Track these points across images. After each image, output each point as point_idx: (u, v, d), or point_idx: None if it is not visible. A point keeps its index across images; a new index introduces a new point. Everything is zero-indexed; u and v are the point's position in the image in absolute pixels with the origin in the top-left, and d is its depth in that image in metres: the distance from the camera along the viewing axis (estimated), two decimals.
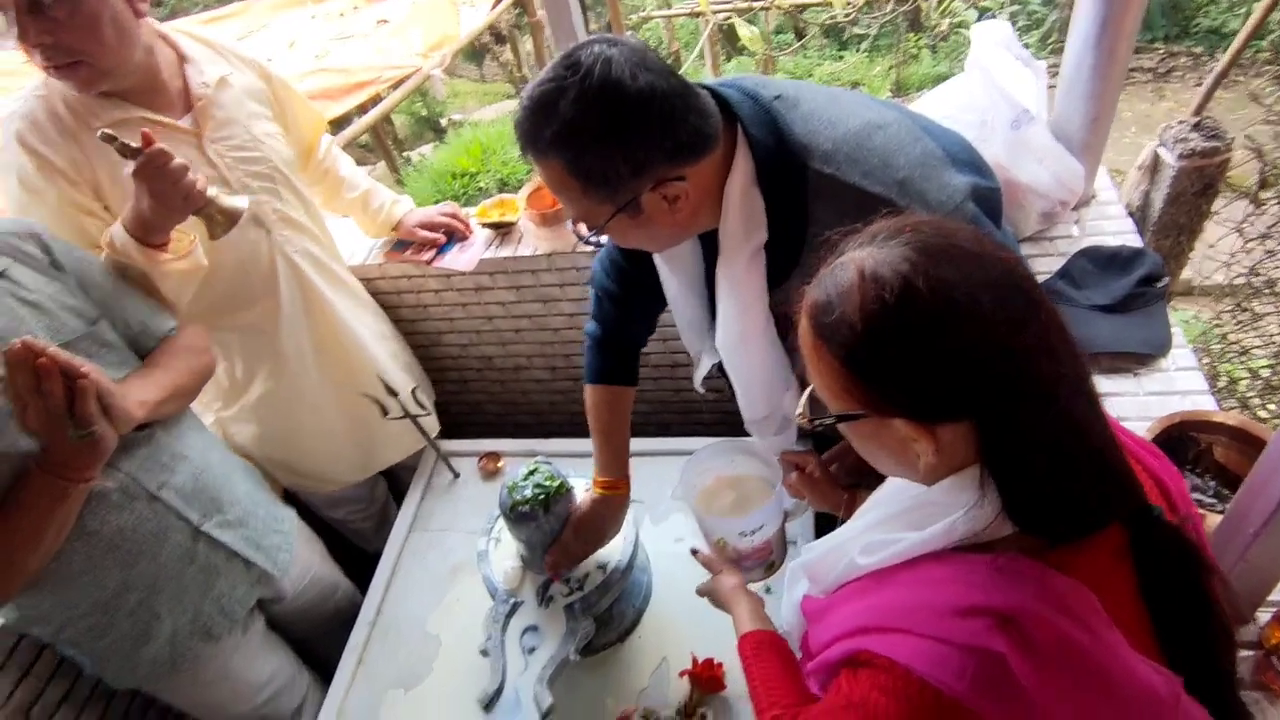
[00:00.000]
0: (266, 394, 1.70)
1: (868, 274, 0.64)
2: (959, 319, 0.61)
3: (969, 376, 0.62)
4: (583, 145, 0.88)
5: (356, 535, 2.09)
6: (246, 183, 1.50)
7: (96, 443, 1.05)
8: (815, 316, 0.68)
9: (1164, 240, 1.57)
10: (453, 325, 2.14)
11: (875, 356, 0.64)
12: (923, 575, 0.69)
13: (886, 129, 0.96)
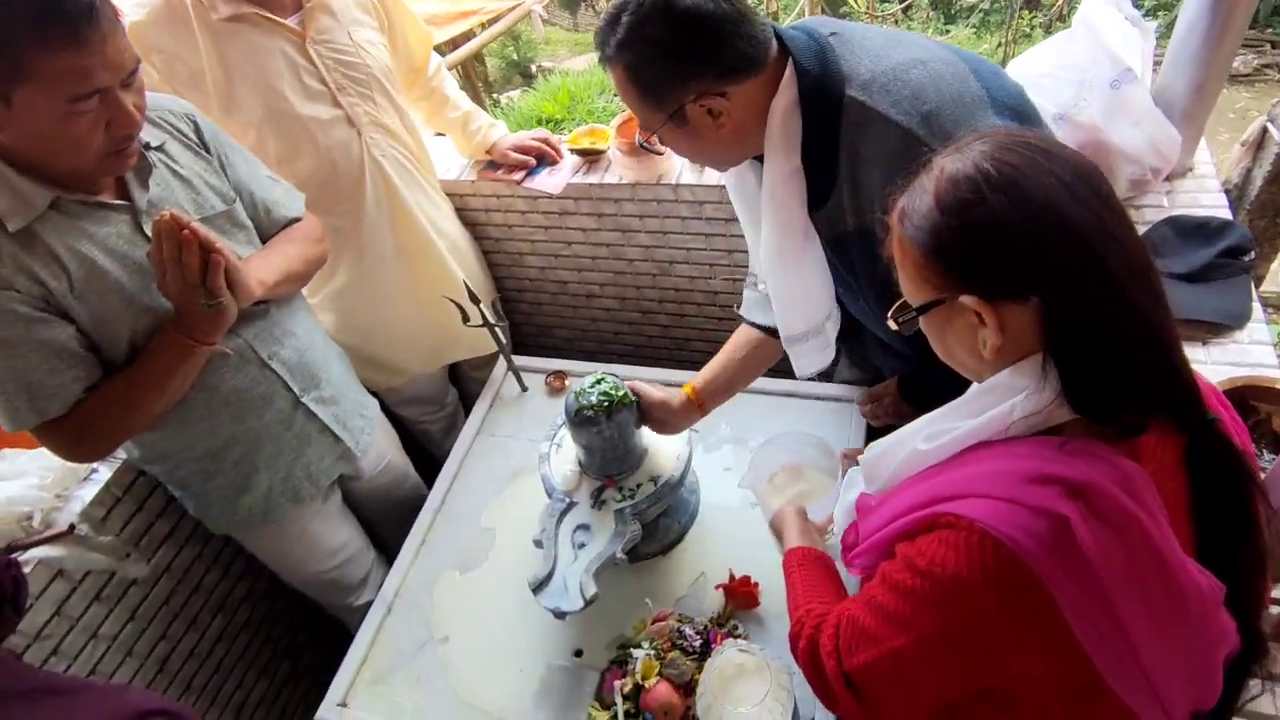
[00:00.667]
0: (346, 285, 1.82)
1: (946, 170, 0.70)
2: (1022, 196, 0.66)
3: (1031, 252, 0.66)
4: (637, 53, 1.00)
5: (425, 437, 2.23)
6: (343, 84, 1.60)
7: (222, 312, 1.18)
8: (900, 215, 0.74)
9: (1259, 220, 1.52)
10: (534, 247, 2.23)
11: (945, 232, 0.69)
12: (996, 452, 0.72)
13: (929, 65, 1.01)
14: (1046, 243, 0.66)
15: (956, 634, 0.69)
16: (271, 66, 1.52)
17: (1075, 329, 0.67)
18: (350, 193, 1.69)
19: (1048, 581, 0.63)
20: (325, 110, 1.60)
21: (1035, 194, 0.66)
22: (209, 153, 1.32)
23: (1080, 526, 0.62)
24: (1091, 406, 0.68)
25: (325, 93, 1.59)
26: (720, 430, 1.71)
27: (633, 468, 1.46)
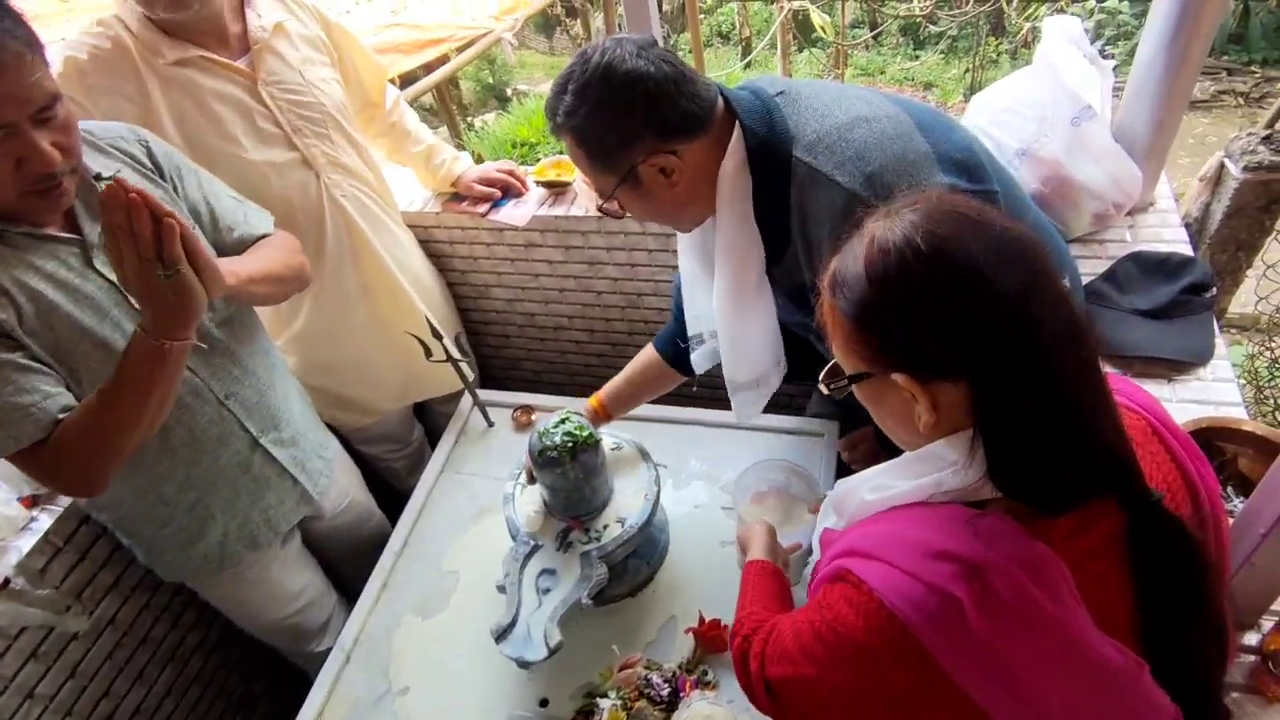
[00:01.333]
0: (309, 327, 1.79)
1: (876, 238, 0.70)
2: (953, 273, 0.65)
3: (962, 332, 0.65)
4: (583, 119, 1.03)
5: (390, 474, 2.18)
6: (298, 125, 1.57)
7: (186, 290, 1.04)
8: (831, 283, 0.73)
9: (1220, 254, 1.53)
10: (500, 280, 2.20)
11: (876, 308, 0.69)
12: (913, 516, 0.73)
13: (873, 123, 1.03)
14: (974, 320, 0.65)
15: (856, 689, 0.72)
16: (223, 112, 1.49)
17: (1004, 409, 0.66)
18: (310, 234, 1.66)
19: (937, 655, 0.64)
20: (280, 153, 1.56)
21: (962, 268, 0.65)
22: (163, 177, 1.28)
23: (971, 609, 0.63)
24: (1017, 488, 0.68)
25: (280, 135, 1.56)
26: (690, 466, 1.69)
27: (599, 508, 1.43)
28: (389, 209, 1.86)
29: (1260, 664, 0.92)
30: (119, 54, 1.41)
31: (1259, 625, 0.97)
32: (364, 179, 1.74)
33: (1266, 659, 0.91)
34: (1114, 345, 1.33)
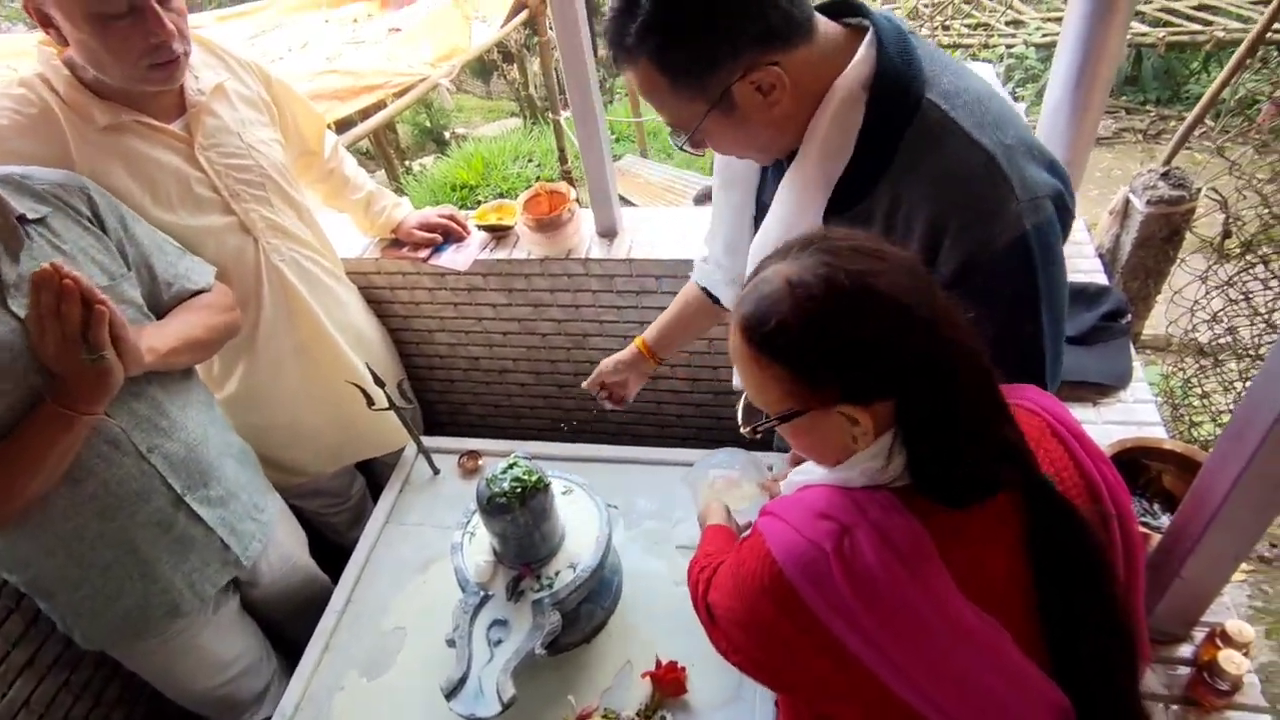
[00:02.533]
0: (240, 392, 1.73)
1: (794, 280, 0.71)
2: (882, 302, 0.69)
3: (897, 357, 0.69)
4: (668, 34, 0.86)
5: (329, 528, 2.10)
6: (236, 190, 1.53)
7: (106, 371, 1.09)
8: (750, 329, 0.74)
9: (1132, 283, 1.63)
10: (443, 324, 2.18)
11: (814, 349, 0.71)
12: (821, 490, 0.80)
13: (1005, 103, 0.93)
14: (906, 344, 0.69)
15: (757, 626, 0.79)
16: (157, 178, 1.43)
17: (927, 417, 0.71)
18: (245, 299, 1.61)
19: (809, 602, 0.71)
20: (217, 219, 1.52)
21: (888, 298, 0.69)
22: (104, 229, 1.24)
23: (835, 562, 0.70)
24: (933, 483, 0.74)
25: (217, 200, 1.51)
26: (640, 506, 1.68)
27: (551, 554, 1.41)
28: (330, 268, 1.82)
29: (1196, 675, 0.95)
30: (43, 118, 1.32)
31: (1192, 637, 1.00)
32: (303, 240, 1.70)
33: (1202, 669, 0.94)
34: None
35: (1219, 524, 0.83)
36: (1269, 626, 2.24)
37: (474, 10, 4.00)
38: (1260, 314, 1.76)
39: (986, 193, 0.87)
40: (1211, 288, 1.81)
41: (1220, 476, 0.81)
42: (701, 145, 1.00)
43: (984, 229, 0.87)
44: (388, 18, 3.99)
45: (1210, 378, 1.96)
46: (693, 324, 1.55)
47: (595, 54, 1.71)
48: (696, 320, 1.54)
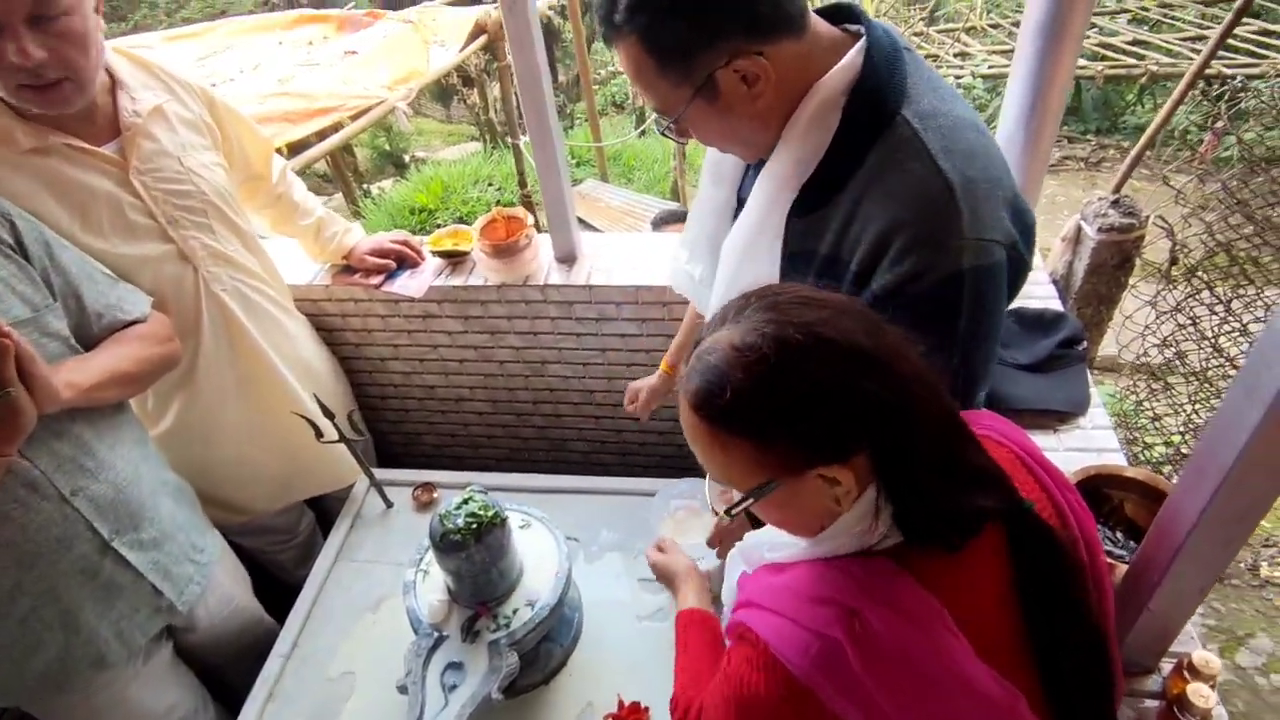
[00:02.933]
0: (178, 427, 1.65)
1: (739, 344, 0.67)
2: (838, 350, 0.66)
3: (864, 406, 0.66)
4: (656, 12, 0.86)
5: (275, 566, 2.00)
6: (175, 217, 1.46)
7: (14, 410, 1.00)
8: (703, 405, 0.69)
9: (1085, 309, 1.66)
10: (397, 353, 2.12)
11: (775, 413, 0.66)
12: (805, 568, 0.75)
13: (983, 136, 0.92)
14: (871, 392, 0.65)
15: None
16: (87, 204, 1.35)
17: (903, 462, 0.68)
18: (184, 331, 1.53)
19: (825, 699, 0.66)
20: (154, 247, 1.45)
21: (840, 343, 0.66)
22: (27, 257, 1.16)
23: (850, 649, 0.65)
24: (924, 531, 0.70)
25: (153, 227, 1.44)
26: (602, 538, 1.64)
27: (508, 591, 1.36)
28: (276, 297, 1.75)
29: (1165, 708, 0.95)
30: None
31: (1160, 668, 1.00)
32: (247, 269, 1.63)
33: (1171, 704, 0.93)
34: (1002, 399, 1.39)
35: (1184, 557, 0.82)
36: (1222, 645, 2.28)
37: (432, 35, 3.97)
38: (1207, 338, 1.81)
39: (935, 221, 0.86)
40: (1161, 313, 1.85)
41: (1185, 510, 0.81)
42: (686, 134, 1.00)
43: (923, 257, 0.86)
44: (344, 40, 3.93)
45: (1161, 400, 2.00)
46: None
47: (556, 80, 1.69)
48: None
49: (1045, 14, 1.30)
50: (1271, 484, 0.75)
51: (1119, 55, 5.44)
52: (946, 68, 6.02)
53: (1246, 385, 0.71)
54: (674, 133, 1.00)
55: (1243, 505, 0.77)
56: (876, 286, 0.90)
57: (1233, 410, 0.73)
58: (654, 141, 6.77)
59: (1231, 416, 0.73)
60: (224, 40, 4.00)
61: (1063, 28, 1.29)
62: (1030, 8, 1.34)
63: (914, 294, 0.88)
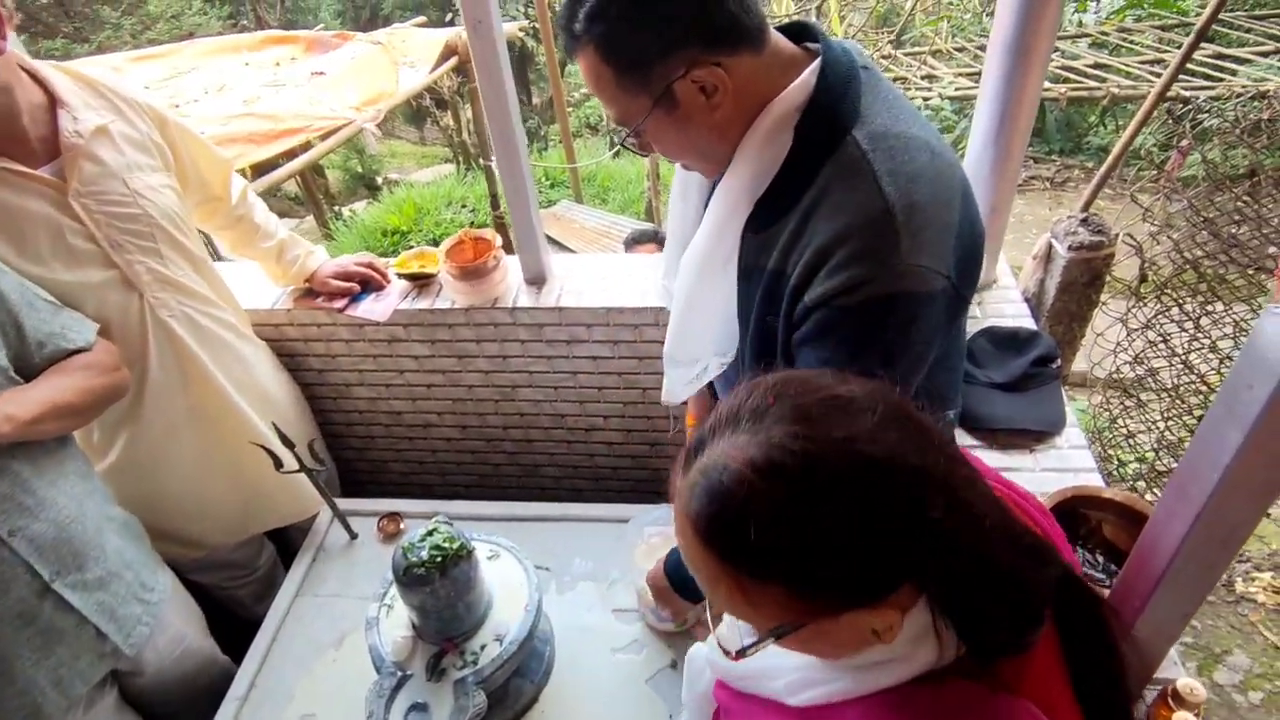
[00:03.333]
0: (125, 460, 1.58)
1: (761, 464, 0.54)
2: (886, 474, 0.54)
3: (917, 534, 0.55)
4: (614, 22, 0.86)
5: (234, 603, 1.92)
6: (119, 241, 1.41)
7: None
8: (717, 539, 0.57)
9: (1057, 327, 1.66)
10: (362, 378, 2.07)
11: (812, 553, 0.54)
12: (855, 710, 0.63)
13: (937, 159, 0.91)
14: (927, 518, 0.55)
15: None
16: (24, 228, 1.30)
17: (961, 580, 0.58)
18: (131, 359, 1.47)
19: None
20: (96, 273, 1.39)
21: (892, 467, 0.55)
22: None
23: None
24: (997, 644, 0.60)
25: (96, 252, 1.38)
26: (574, 567, 1.59)
27: (476, 626, 1.31)
28: (231, 323, 1.70)
29: None
30: None
31: (1144, 696, 0.97)
32: (197, 294, 1.58)
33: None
34: (978, 419, 1.38)
35: (1167, 584, 0.80)
36: (1200, 663, 2.28)
37: (402, 56, 3.95)
38: (1178, 355, 1.82)
39: (875, 240, 0.85)
40: (1132, 330, 1.86)
41: (1166, 536, 0.79)
42: (648, 147, 0.99)
43: (859, 272, 0.86)
44: (312, 62, 3.89)
45: (1134, 417, 2.01)
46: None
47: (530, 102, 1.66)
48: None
49: (1012, 34, 1.31)
50: (1254, 507, 0.73)
51: (1081, 78, 5.57)
52: (914, 90, 6.12)
53: (1226, 406, 0.69)
54: (635, 145, 0.99)
55: (1225, 529, 0.75)
56: (809, 298, 0.90)
57: (1212, 432, 0.71)
58: (628, 163, 6.81)
59: (1211, 438, 0.71)
60: (190, 61, 3.95)
61: (1029, 47, 1.30)
62: (997, 28, 1.35)
63: (842, 306, 0.88)
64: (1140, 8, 7.65)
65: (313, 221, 6.04)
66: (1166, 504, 0.79)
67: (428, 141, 10.14)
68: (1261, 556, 2.56)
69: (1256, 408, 0.65)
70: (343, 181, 8.63)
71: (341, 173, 8.53)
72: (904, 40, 7.45)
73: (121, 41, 8.99)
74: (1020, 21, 1.29)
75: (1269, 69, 5.21)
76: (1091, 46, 6.52)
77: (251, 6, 10.62)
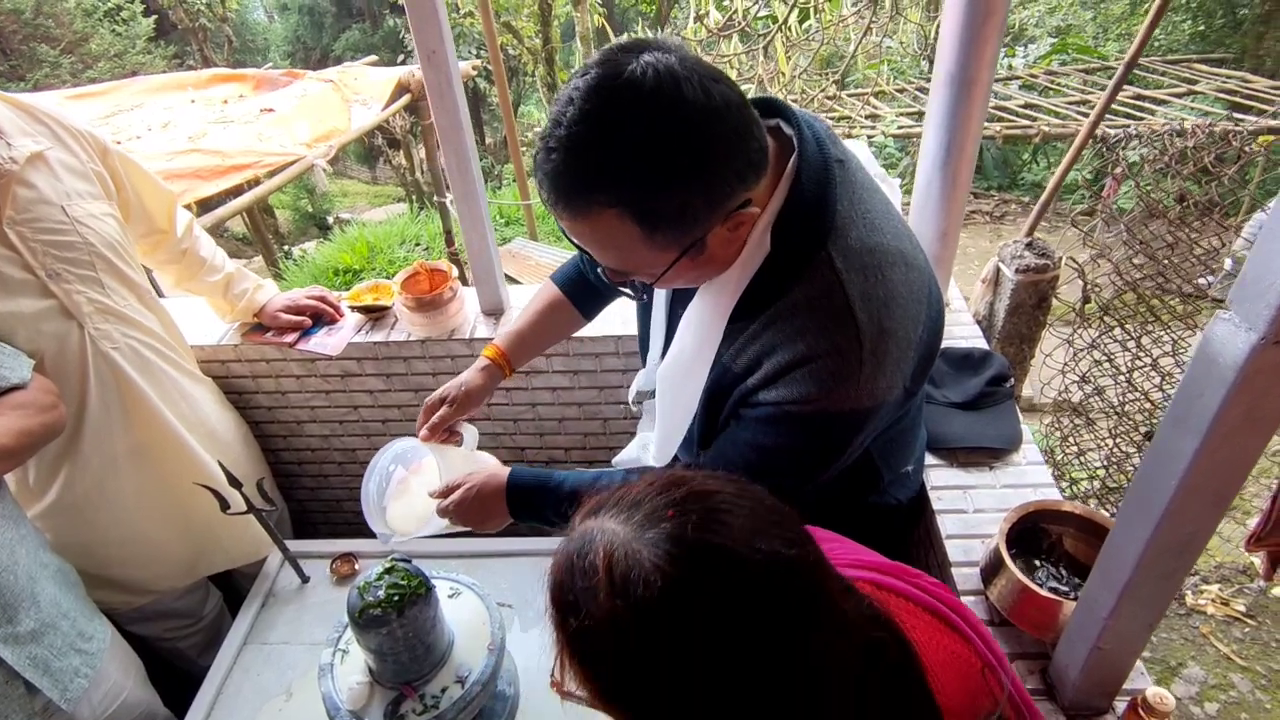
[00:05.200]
0: (63, 501, 1.50)
1: (616, 571, 0.53)
2: (722, 633, 0.51)
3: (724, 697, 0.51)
4: (654, 185, 0.74)
5: (178, 656, 1.82)
6: (56, 270, 1.36)
7: None
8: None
9: (1009, 348, 1.70)
10: (314, 414, 2.00)
11: (623, 678, 0.54)
12: None
13: (911, 271, 0.88)
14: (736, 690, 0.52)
15: None
16: None
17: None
18: (68, 394, 1.41)
19: None
20: (30, 303, 1.34)
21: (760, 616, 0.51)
22: None
23: None
24: None
25: (31, 282, 1.33)
26: (538, 602, 1.53)
27: (435, 668, 1.26)
28: (177, 357, 1.64)
29: None
30: None
31: (1114, 708, 0.98)
32: (141, 326, 1.52)
33: None
34: (938, 438, 1.39)
35: (1131, 593, 0.81)
36: (1158, 676, 2.32)
37: (354, 94, 3.93)
38: (1123, 374, 1.89)
39: (836, 366, 0.86)
40: (1078, 350, 1.92)
41: (1127, 547, 0.80)
42: (647, 290, 0.92)
43: (816, 389, 0.86)
44: (261, 99, 3.84)
45: (1084, 435, 2.07)
46: (554, 329, 1.38)
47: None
48: (559, 325, 1.37)
49: (955, 66, 1.36)
50: (1210, 513, 0.74)
51: (1014, 117, 5.85)
52: (859, 128, 6.34)
53: (1177, 416, 0.71)
54: (633, 289, 0.92)
55: (1184, 537, 0.76)
56: (763, 396, 0.91)
57: (1167, 442, 0.72)
58: None
59: (1166, 448, 0.72)
60: (133, 98, 3.86)
61: (971, 79, 1.35)
62: (940, 61, 1.40)
63: (792, 412, 0.89)
64: (1065, 53, 8.11)
65: (262, 261, 5.91)
66: (1126, 515, 0.80)
67: (380, 180, 10.09)
68: (1209, 569, 2.64)
69: (1209, 413, 0.67)
70: (293, 221, 8.50)
71: (292, 212, 8.42)
72: (848, 82, 7.74)
73: (60, 80, 8.78)
74: (963, 55, 1.34)
75: (1183, 109, 5.55)
76: (1022, 88, 6.87)
77: (198, 46, 10.52)
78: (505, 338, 1.34)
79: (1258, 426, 0.67)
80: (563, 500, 1.16)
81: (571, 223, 0.80)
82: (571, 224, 0.80)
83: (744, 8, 3.49)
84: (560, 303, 1.34)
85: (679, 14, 9.91)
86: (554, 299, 1.34)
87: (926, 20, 5.27)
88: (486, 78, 9.10)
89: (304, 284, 5.47)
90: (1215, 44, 8.73)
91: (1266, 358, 0.61)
